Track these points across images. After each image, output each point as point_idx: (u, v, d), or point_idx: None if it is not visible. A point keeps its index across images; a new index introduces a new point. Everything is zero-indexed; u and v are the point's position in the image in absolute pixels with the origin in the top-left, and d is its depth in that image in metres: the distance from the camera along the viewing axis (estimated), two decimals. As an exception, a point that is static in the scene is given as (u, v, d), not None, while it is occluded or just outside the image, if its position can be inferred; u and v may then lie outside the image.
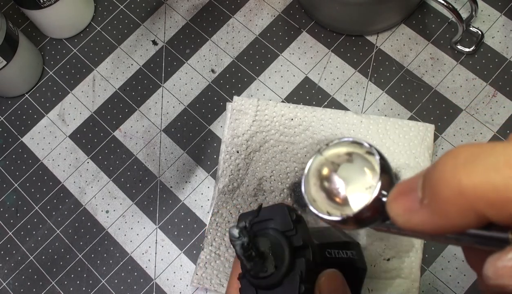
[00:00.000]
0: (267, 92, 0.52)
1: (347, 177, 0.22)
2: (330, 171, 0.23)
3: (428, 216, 0.17)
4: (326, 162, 0.23)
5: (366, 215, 0.20)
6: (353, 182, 0.22)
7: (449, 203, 0.16)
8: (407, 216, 0.18)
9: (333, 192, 0.22)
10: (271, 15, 0.55)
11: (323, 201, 0.22)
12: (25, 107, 0.55)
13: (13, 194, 0.52)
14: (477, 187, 0.15)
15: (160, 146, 0.52)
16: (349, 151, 0.23)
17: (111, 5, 0.58)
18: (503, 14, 0.52)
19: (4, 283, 0.50)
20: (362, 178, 0.22)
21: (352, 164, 0.22)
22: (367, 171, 0.21)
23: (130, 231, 0.50)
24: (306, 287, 0.27)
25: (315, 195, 0.23)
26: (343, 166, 0.23)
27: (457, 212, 0.16)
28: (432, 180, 0.16)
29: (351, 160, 0.22)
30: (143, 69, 0.55)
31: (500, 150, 0.15)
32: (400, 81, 0.51)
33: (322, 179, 0.23)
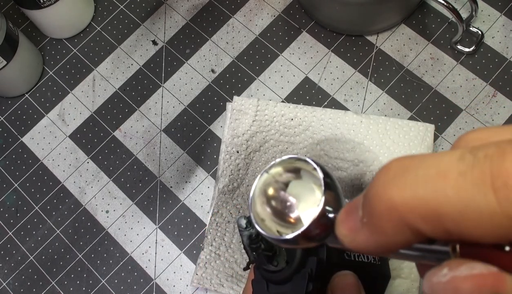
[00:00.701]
0: (267, 92, 0.52)
1: (297, 195, 0.22)
2: (278, 189, 0.22)
3: (368, 235, 0.16)
4: (273, 180, 0.22)
5: (315, 232, 0.20)
6: (303, 200, 0.21)
7: (383, 220, 0.15)
8: (352, 236, 0.17)
9: (283, 211, 0.22)
10: (271, 15, 0.55)
11: (272, 221, 0.22)
12: (25, 107, 0.55)
13: (13, 194, 0.52)
14: (408, 201, 0.14)
15: (160, 146, 0.52)
16: (296, 168, 0.22)
17: (111, 5, 0.58)
18: (503, 14, 0.52)
19: (4, 283, 0.50)
20: (312, 195, 0.21)
21: (301, 181, 0.22)
22: (315, 187, 0.21)
23: (130, 231, 0.50)
24: (314, 286, 0.27)
25: (263, 215, 0.22)
26: (292, 184, 0.22)
27: (393, 229, 0.15)
28: (368, 197, 0.16)
29: (300, 177, 0.22)
30: (143, 69, 0.55)
31: (431, 161, 0.15)
32: (400, 81, 0.51)
33: (270, 198, 0.22)
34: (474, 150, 0.14)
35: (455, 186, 0.13)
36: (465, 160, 0.14)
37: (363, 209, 0.17)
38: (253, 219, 0.22)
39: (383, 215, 0.15)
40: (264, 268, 0.29)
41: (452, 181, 0.14)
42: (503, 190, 0.13)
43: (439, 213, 0.14)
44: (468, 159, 0.14)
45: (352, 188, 0.47)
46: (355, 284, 0.28)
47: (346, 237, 0.18)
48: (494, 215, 0.13)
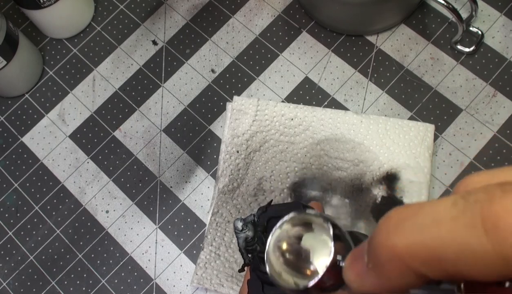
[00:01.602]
0: (267, 92, 0.52)
1: (311, 246, 0.23)
2: (291, 243, 0.23)
3: (374, 280, 0.17)
4: (286, 235, 0.24)
5: (329, 282, 0.21)
6: (317, 251, 0.22)
7: (388, 266, 0.16)
8: (359, 281, 0.18)
9: (297, 263, 0.23)
10: (271, 15, 0.55)
11: (288, 273, 0.23)
12: (25, 107, 0.55)
13: (13, 194, 0.52)
14: (409, 247, 0.15)
15: (160, 146, 0.52)
16: (307, 221, 0.23)
17: (111, 5, 0.58)
18: (503, 14, 0.52)
19: (4, 283, 0.50)
20: (324, 246, 0.22)
21: (313, 233, 0.23)
22: (327, 239, 0.22)
23: (130, 231, 0.50)
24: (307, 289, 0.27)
25: (279, 268, 0.23)
26: (305, 236, 0.23)
27: (397, 273, 0.16)
28: (372, 245, 0.17)
29: (312, 230, 0.23)
30: (143, 69, 0.55)
31: (427, 210, 0.15)
32: (400, 81, 0.51)
33: (284, 252, 0.23)
34: (466, 195, 0.15)
35: (449, 230, 0.14)
36: (457, 205, 0.15)
37: (368, 256, 0.17)
38: (269, 273, 0.23)
39: (387, 261, 0.16)
40: (260, 269, 0.29)
41: (446, 226, 0.14)
42: (494, 231, 0.13)
43: (438, 257, 0.15)
44: (460, 204, 0.15)
45: (352, 188, 0.47)
46: None
47: (354, 282, 0.18)
48: (488, 255, 0.14)
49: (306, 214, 0.23)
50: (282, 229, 0.24)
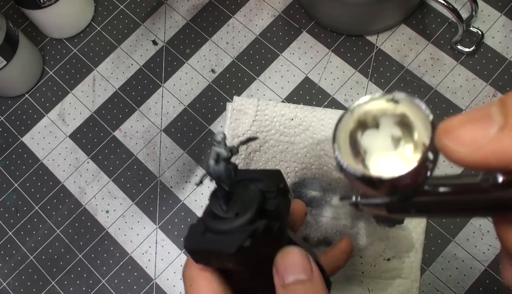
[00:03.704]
0: (267, 92, 0.52)
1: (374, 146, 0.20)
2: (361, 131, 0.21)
3: (510, 143, 0.15)
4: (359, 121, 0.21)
5: (404, 183, 0.18)
6: (377, 152, 0.20)
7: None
8: (476, 145, 0.15)
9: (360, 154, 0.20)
10: (271, 15, 0.55)
11: (351, 157, 0.20)
12: (25, 107, 0.55)
13: (13, 194, 0.52)
14: None
15: (160, 146, 0.52)
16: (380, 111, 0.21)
17: (111, 5, 0.58)
18: (503, 14, 0.52)
19: (4, 283, 0.50)
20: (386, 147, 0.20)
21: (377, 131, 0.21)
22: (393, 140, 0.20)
23: (130, 231, 0.50)
24: (252, 245, 0.25)
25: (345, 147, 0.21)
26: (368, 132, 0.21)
27: None
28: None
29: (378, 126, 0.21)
30: (143, 69, 0.55)
31: None
32: (400, 81, 0.51)
33: (354, 139, 0.21)
34: None
35: None
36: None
37: (505, 116, 0.15)
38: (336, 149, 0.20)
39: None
40: (212, 210, 0.28)
41: None
42: None
43: None
44: None
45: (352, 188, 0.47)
46: (301, 262, 0.26)
47: (466, 147, 0.16)
48: None
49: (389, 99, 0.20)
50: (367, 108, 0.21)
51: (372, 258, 0.45)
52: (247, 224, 0.26)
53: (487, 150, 0.15)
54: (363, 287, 0.45)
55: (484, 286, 0.45)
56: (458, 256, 0.46)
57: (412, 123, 0.19)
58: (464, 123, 0.16)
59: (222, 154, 0.27)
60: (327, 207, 0.47)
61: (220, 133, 0.27)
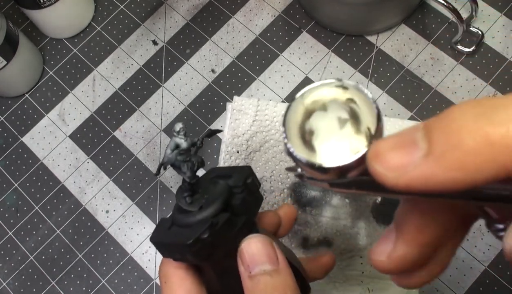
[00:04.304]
0: (267, 92, 0.52)
1: (321, 127, 0.21)
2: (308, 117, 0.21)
3: (434, 170, 0.15)
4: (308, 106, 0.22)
5: (350, 170, 0.19)
6: (322, 133, 0.20)
7: (471, 154, 0.15)
8: (401, 171, 0.16)
9: (308, 138, 0.21)
10: (271, 15, 0.55)
11: (302, 145, 0.21)
12: (25, 107, 0.55)
13: (13, 194, 0.52)
14: (505, 138, 0.14)
15: (160, 146, 0.52)
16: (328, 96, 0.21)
17: (111, 5, 0.58)
18: (503, 14, 0.52)
19: (4, 283, 0.50)
20: (334, 129, 0.20)
21: (326, 113, 0.21)
22: (340, 122, 0.20)
23: (130, 231, 0.50)
24: (209, 237, 0.25)
25: (295, 136, 0.21)
26: (315, 114, 0.21)
27: (479, 164, 0.15)
28: (448, 130, 0.15)
29: (326, 108, 0.21)
30: (143, 69, 0.55)
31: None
32: (400, 81, 0.51)
33: (303, 127, 0.21)
34: None
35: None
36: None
37: (429, 142, 0.16)
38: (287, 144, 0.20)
39: (474, 150, 0.14)
40: (177, 202, 0.28)
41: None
42: None
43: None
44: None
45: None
46: (266, 250, 0.26)
47: (392, 172, 0.16)
48: None
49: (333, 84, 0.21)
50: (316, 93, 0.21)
51: (372, 258, 0.45)
52: (210, 217, 0.26)
53: (412, 175, 0.16)
54: (363, 287, 0.45)
55: (484, 286, 0.45)
56: (458, 256, 0.46)
57: (359, 110, 0.20)
58: (391, 148, 0.17)
59: (182, 144, 0.27)
60: (327, 207, 0.47)
61: (179, 124, 0.27)
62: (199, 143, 0.28)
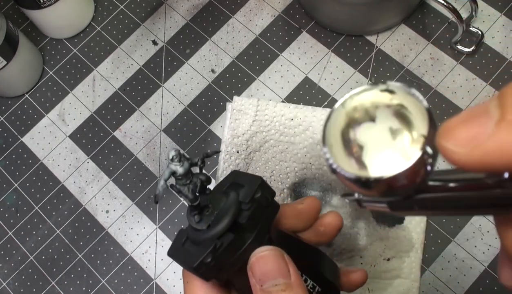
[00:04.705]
0: (267, 92, 0.52)
1: (371, 140, 0.19)
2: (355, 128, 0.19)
3: (509, 137, 0.14)
4: (355, 117, 0.19)
5: (401, 183, 0.17)
6: (372, 147, 0.18)
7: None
8: (474, 143, 0.14)
9: (355, 153, 0.19)
10: (271, 15, 0.55)
11: (347, 157, 0.19)
12: (25, 107, 0.55)
13: (13, 194, 0.52)
14: None
15: (160, 146, 0.52)
16: (374, 103, 0.19)
17: (111, 5, 0.58)
18: (503, 14, 0.52)
19: (4, 283, 0.50)
20: (385, 142, 0.18)
21: (374, 124, 0.19)
22: (391, 133, 0.18)
23: (130, 231, 0.50)
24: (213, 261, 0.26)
25: (338, 148, 0.19)
26: (363, 126, 0.19)
27: None
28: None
29: (373, 119, 0.19)
30: (143, 69, 0.55)
31: None
32: (400, 81, 0.51)
33: (347, 138, 0.19)
34: None
35: None
36: None
37: (503, 108, 0.14)
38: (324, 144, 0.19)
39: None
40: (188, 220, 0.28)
41: None
42: None
43: None
44: None
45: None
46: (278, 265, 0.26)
47: (463, 147, 0.15)
48: None
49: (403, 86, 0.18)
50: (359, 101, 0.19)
51: (372, 258, 0.45)
52: (216, 237, 0.26)
53: (485, 148, 0.14)
54: (363, 287, 0.45)
55: (484, 286, 0.45)
56: (458, 256, 0.46)
57: (410, 115, 0.18)
58: (462, 122, 0.15)
59: (178, 171, 0.27)
60: (327, 207, 0.47)
61: (172, 151, 0.27)
62: (200, 163, 0.28)
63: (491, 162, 0.14)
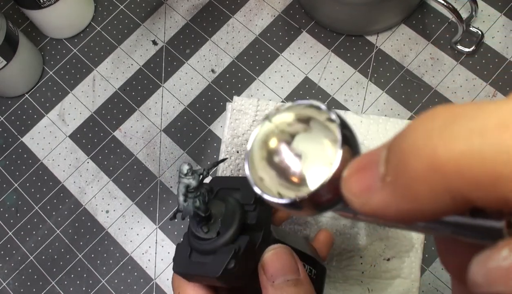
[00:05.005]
0: (267, 92, 0.52)
1: (304, 151, 0.18)
2: (282, 142, 0.18)
3: (390, 198, 0.13)
4: (277, 131, 0.19)
5: (325, 197, 0.16)
6: (311, 157, 0.18)
7: (419, 181, 0.12)
8: (365, 197, 0.14)
9: (286, 169, 0.18)
10: (271, 15, 0.55)
11: (274, 180, 0.18)
12: (25, 107, 0.55)
13: (13, 194, 0.52)
14: (458, 158, 0.11)
15: (160, 146, 0.52)
16: (306, 117, 0.18)
17: (111, 5, 0.58)
18: (503, 14, 0.52)
19: (4, 283, 0.50)
20: (322, 151, 0.17)
21: (310, 134, 0.18)
22: (328, 142, 0.17)
23: (130, 231, 0.50)
24: (237, 266, 0.26)
25: (263, 173, 0.18)
26: (299, 137, 0.18)
27: (429, 193, 0.12)
28: (399, 150, 0.13)
29: (309, 129, 0.18)
30: (143, 69, 0.55)
31: (491, 109, 0.11)
32: (400, 81, 0.51)
33: (272, 153, 0.18)
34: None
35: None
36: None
37: (387, 165, 0.13)
38: (250, 178, 0.18)
39: (420, 174, 0.12)
40: (194, 232, 0.28)
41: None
42: None
43: (497, 175, 0.11)
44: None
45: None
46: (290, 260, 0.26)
47: (357, 197, 0.14)
48: None
49: (307, 105, 0.18)
50: (272, 122, 0.18)
51: (372, 258, 0.45)
52: (230, 243, 0.27)
53: (373, 204, 0.14)
54: (363, 287, 0.45)
55: (484, 286, 0.45)
56: (458, 256, 0.46)
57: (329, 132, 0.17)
58: (355, 171, 0.15)
59: (191, 184, 0.27)
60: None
61: (185, 165, 0.27)
62: (206, 173, 0.28)
63: (381, 215, 0.14)
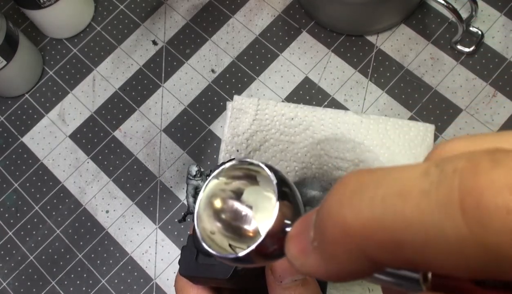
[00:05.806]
0: (267, 92, 0.52)
1: (253, 203, 0.19)
2: (227, 199, 0.19)
3: (320, 260, 0.14)
4: (222, 189, 0.19)
5: (272, 248, 0.17)
6: (261, 209, 0.19)
7: (336, 245, 0.13)
8: (302, 260, 0.14)
9: (236, 222, 0.19)
10: (271, 15, 0.55)
11: (223, 234, 0.19)
12: (25, 107, 0.55)
13: (13, 194, 0.52)
14: (364, 225, 0.12)
15: (160, 146, 0.52)
16: (252, 173, 0.19)
17: (111, 5, 0.58)
18: (503, 14, 0.52)
19: (4, 283, 0.50)
20: (269, 204, 0.18)
21: (258, 187, 0.19)
22: (272, 196, 0.18)
23: (130, 231, 0.50)
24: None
25: (213, 228, 0.19)
26: (248, 190, 0.19)
27: (347, 255, 0.13)
28: (320, 217, 0.13)
29: (256, 183, 0.19)
30: (143, 69, 0.55)
31: (395, 176, 0.12)
32: (400, 81, 0.51)
33: (219, 210, 0.19)
34: (441, 163, 0.11)
35: (416, 207, 0.11)
36: (429, 176, 0.11)
37: (315, 230, 0.14)
38: (199, 235, 0.18)
39: (336, 239, 0.13)
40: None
41: (413, 201, 0.11)
42: (474, 212, 0.10)
43: (398, 241, 0.11)
44: (434, 174, 0.11)
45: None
46: None
47: (296, 259, 0.15)
48: (464, 243, 0.10)
49: (247, 163, 0.19)
50: (218, 182, 0.19)
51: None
52: None
53: (308, 267, 0.14)
54: (363, 287, 0.44)
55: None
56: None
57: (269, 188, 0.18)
58: (294, 235, 0.15)
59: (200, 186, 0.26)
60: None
61: (193, 167, 0.27)
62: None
63: (316, 276, 0.14)
